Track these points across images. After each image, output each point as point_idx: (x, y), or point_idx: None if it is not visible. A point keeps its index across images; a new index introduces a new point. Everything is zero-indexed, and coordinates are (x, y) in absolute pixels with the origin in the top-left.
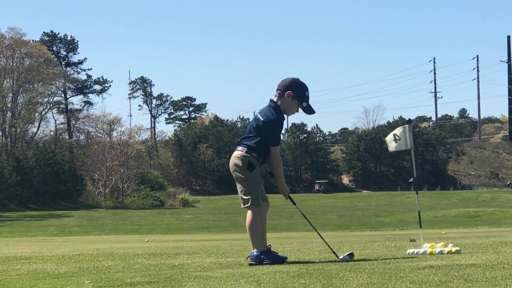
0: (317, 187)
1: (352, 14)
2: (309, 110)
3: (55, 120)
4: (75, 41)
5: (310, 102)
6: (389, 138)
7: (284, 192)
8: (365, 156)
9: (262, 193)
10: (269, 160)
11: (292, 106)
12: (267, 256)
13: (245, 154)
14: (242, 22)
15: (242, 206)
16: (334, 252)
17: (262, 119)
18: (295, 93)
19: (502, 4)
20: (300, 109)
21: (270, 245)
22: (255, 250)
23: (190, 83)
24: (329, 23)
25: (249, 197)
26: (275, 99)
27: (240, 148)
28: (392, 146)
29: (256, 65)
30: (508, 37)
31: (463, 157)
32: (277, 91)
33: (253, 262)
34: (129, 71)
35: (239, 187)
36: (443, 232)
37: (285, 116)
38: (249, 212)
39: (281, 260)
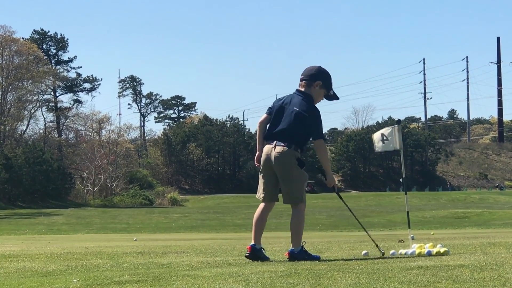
0: None
1: (341, 14)
2: (334, 97)
3: (45, 118)
4: (65, 39)
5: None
6: (377, 137)
7: (331, 182)
8: (354, 156)
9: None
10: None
11: (320, 96)
12: (306, 254)
13: (294, 151)
14: (231, 22)
15: (288, 202)
16: (378, 247)
17: (306, 113)
18: (323, 82)
19: (492, 5)
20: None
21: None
22: (295, 248)
23: (179, 82)
24: (318, 24)
25: (302, 193)
26: (303, 89)
27: (284, 144)
28: (378, 146)
29: (246, 64)
30: (498, 38)
31: (452, 158)
32: (302, 80)
33: (293, 259)
34: (119, 69)
35: (287, 184)
36: (432, 233)
37: None
38: (301, 208)
39: (316, 258)
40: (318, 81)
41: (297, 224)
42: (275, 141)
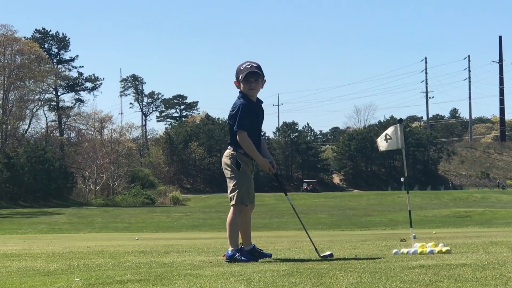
0: (305, 186)
1: (343, 13)
2: (246, 77)
3: (46, 117)
4: (67, 38)
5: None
6: (380, 138)
7: (264, 164)
8: (356, 156)
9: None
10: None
11: (246, 88)
12: (242, 255)
13: (232, 152)
14: (233, 21)
15: (230, 203)
16: (317, 250)
17: (232, 110)
18: (237, 79)
19: (494, 4)
20: (256, 81)
21: (241, 243)
22: (230, 248)
23: (181, 81)
24: (320, 22)
25: (235, 195)
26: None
27: (228, 146)
28: (382, 145)
29: None
30: (500, 37)
31: (454, 157)
32: None
33: (228, 260)
34: (121, 68)
35: (228, 185)
36: (434, 232)
37: (252, 101)
38: (232, 210)
39: (256, 259)
40: (235, 81)
41: (227, 225)
42: None
